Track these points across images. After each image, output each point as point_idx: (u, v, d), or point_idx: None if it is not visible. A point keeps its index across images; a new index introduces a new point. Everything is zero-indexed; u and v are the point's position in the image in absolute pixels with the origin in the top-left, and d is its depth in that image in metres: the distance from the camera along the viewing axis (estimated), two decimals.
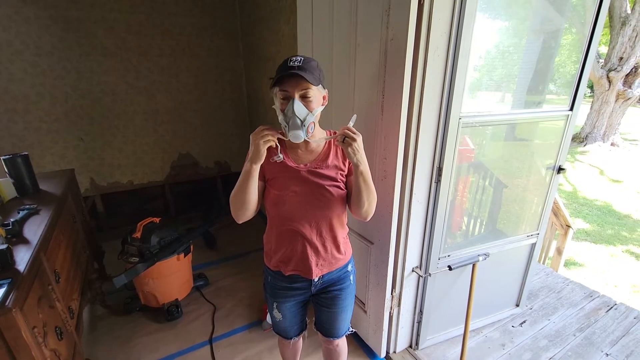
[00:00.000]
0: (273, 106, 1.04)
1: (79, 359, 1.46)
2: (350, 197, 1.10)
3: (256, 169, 1.00)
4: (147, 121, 3.25)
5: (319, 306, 1.30)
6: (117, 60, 2.97)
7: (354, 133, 0.95)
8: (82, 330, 1.61)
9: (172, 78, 3.24)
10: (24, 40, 2.62)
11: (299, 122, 0.96)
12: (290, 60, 0.96)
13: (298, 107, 0.96)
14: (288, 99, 0.96)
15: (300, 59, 0.96)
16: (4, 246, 1.10)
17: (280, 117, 1.00)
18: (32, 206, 1.52)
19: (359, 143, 0.96)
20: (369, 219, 1.12)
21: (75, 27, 2.75)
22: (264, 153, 0.97)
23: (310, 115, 0.98)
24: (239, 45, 3.49)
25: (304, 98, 0.97)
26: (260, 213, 1.09)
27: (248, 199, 1.04)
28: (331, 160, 1.10)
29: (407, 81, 1.28)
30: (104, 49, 2.89)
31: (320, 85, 1.00)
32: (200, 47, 3.28)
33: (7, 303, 0.93)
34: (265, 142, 0.95)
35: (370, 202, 1.07)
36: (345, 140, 0.95)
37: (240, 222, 1.11)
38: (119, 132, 3.16)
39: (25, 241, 1.24)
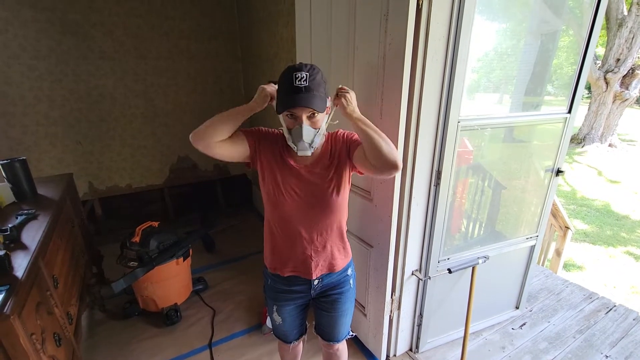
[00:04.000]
0: (279, 115, 1.02)
1: None
2: (367, 154, 0.99)
3: (256, 111, 1.05)
4: (145, 124, 3.24)
5: (319, 310, 1.30)
6: (115, 63, 2.97)
7: (346, 89, 1.05)
8: (80, 335, 1.60)
9: (171, 81, 3.24)
10: (21, 43, 2.61)
11: (307, 145, 0.99)
12: (296, 79, 0.92)
13: (307, 132, 0.97)
14: (295, 118, 0.97)
15: (306, 76, 0.92)
16: (2, 252, 1.10)
17: (288, 136, 1.01)
18: (30, 211, 1.51)
19: (352, 95, 1.04)
20: (399, 163, 0.96)
21: (73, 30, 2.75)
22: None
23: (318, 135, 1.00)
24: (238, 48, 3.49)
25: (311, 118, 0.98)
26: (259, 214, 1.09)
27: (227, 131, 1.02)
28: (330, 154, 1.09)
29: (405, 85, 1.28)
30: (101, 52, 2.89)
31: (326, 101, 1.01)
32: (199, 49, 3.28)
33: (5, 310, 0.93)
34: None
35: (387, 143, 0.96)
36: (340, 94, 1.03)
37: (195, 144, 1.04)
38: (117, 136, 3.15)
39: (23, 247, 1.24)
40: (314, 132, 0.99)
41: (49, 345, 1.16)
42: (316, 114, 0.97)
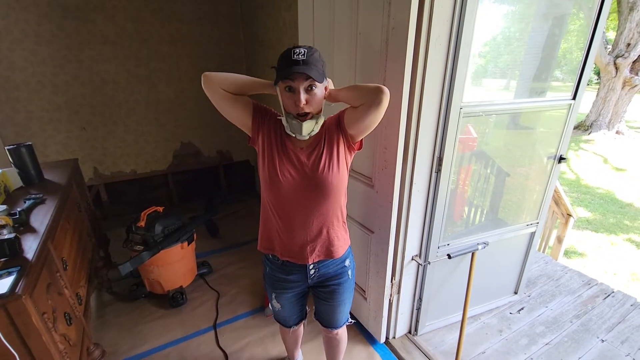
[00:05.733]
0: (279, 96, 1.03)
1: (88, 343, 1.51)
2: (356, 102, 1.05)
3: (266, 89, 1.08)
4: (148, 110, 3.25)
5: (317, 298, 1.32)
6: (117, 48, 2.95)
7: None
8: (90, 316, 1.66)
9: (173, 66, 3.22)
10: (24, 28, 2.60)
11: (306, 136, 1.03)
12: (294, 53, 0.94)
13: (307, 126, 1.00)
14: (292, 91, 0.97)
15: (304, 51, 0.94)
16: (12, 235, 1.13)
17: (286, 124, 1.02)
18: (37, 195, 1.54)
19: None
20: (381, 86, 1.01)
21: (74, 15, 2.73)
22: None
23: (317, 125, 1.03)
24: (240, 33, 3.44)
25: (309, 91, 0.97)
26: (258, 197, 1.11)
27: (235, 86, 1.07)
28: (324, 137, 1.09)
29: (408, 71, 1.27)
30: (103, 36, 2.87)
31: (324, 78, 1.00)
32: (201, 34, 3.25)
33: (17, 290, 0.96)
34: None
35: (363, 83, 1.09)
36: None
37: (204, 82, 1.11)
38: (120, 121, 3.17)
39: (32, 230, 1.27)
40: (312, 126, 1.01)
41: (60, 324, 1.20)
42: (314, 87, 0.97)
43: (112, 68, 2.98)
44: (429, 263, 1.70)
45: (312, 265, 1.19)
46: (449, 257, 1.65)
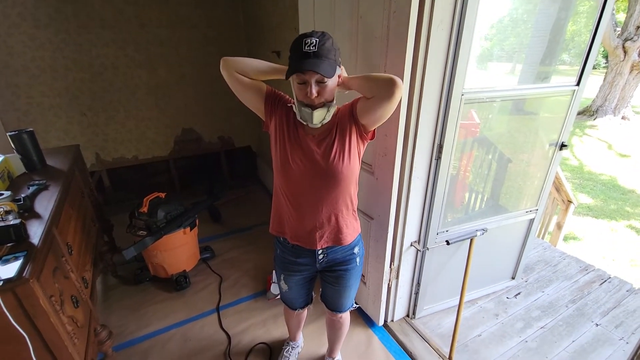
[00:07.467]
0: (291, 85, 1.03)
1: (95, 325, 1.56)
2: (368, 93, 1.04)
3: (278, 75, 1.08)
4: (148, 95, 3.23)
5: (324, 282, 1.36)
6: (116, 32, 2.91)
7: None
8: (96, 298, 1.70)
9: (172, 50, 3.18)
10: (21, 12, 2.57)
11: (318, 124, 1.03)
12: (305, 44, 0.93)
13: (318, 115, 1.00)
14: (304, 83, 0.97)
15: (316, 41, 0.93)
16: (18, 221, 1.15)
17: (297, 111, 1.03)
18: (41, 182, 1.55)
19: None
20: (393, 77, 0.98)
21: None
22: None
23: (328, 114, 1.02)
24: (240, 16, 3.38)
25: (320, 83, 0.97)
26: (264, 188, 1.12)
27: (249, 69, 1.07)
28: (336, 125, 1.08)
29: (409, 56, 1.26)
30: (101, 20, 2.83)
31: (336, 68, 0.99)
32: (200, 17, 3.19)
33: (24, 274, 0.99)
34: None
35: (376, 74, 1.06)
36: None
37: (221, 65, 1.08)
38: (121, 107, 3.15)
39: (37, 216, 1.29)
40: (323, 115, 1.01)
41: (68, 306, 1.24)
42: (325, 80, 0.96)
43: (111, 52, 2.95)
44: (428, 249, 1.72)
45: (320, 251, 1.21)
46: (448, 243, 1.67)
